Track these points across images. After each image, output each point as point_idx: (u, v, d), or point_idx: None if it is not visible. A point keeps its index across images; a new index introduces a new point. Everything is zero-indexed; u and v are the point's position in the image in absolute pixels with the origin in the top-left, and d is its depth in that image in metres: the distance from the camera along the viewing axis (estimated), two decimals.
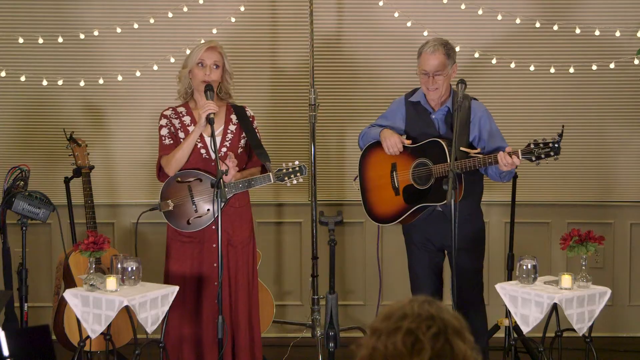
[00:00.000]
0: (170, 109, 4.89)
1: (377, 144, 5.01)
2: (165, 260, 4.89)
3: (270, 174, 4.81)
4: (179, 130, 4.83)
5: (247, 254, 4.93)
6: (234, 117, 4.91)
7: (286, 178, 4.85)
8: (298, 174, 4.86)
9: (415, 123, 4.96)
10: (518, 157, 4.62)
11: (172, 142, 4.83)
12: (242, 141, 4.90)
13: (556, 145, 4.58)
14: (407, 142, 4.91)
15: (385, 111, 5.15)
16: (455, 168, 4.61)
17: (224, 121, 4.89)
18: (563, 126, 4.72)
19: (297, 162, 4.89)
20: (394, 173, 4.98)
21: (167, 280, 4.81)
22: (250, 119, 4.95)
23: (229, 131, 4.88)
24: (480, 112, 4.92)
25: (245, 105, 4.98)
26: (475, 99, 4.98)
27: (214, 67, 4.79)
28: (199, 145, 4.80)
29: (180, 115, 4.87)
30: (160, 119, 4.89)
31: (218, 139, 4.81)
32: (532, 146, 4.61)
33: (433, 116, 4.92)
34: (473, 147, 4.87)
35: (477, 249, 4.97)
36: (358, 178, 5.16)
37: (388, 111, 5.11)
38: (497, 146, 4.87)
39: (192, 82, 4.84)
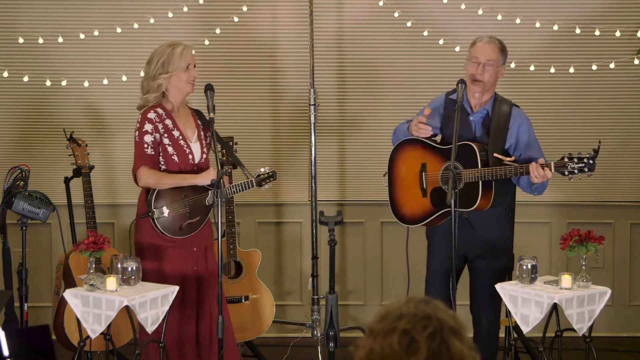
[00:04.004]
0: (153, 111, 4.75)
1: (408, 141, 4.92)
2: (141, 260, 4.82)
3: (253, 179, 4.86)
4: (163, 136, 4.73)
5: (215, 253, 4.94)
6: (199, 121, 4.89)
7: (263, 183, 4.92)
8: (271, 179, 4.95)
9: (451, 125, 4.81)
10: (550, 170, 4.57)
11: (153, 153, 4.72)
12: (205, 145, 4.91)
13: (591, 161, 4.52)
14: (427, 111, 4.80)
15: (426, 105, 5.03)
16: (479, 173, 4.59)
17: (195, 126, 4.86)
18: (600, 141, 4.59)
19: (267, 168, 4.94)
20: (423, 173, 4.88)
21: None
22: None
23: (202, 136, 4.86)
24: (520, 119, 4.82)
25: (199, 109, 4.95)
26: (517, 105, 4.89)
27: (193, 66, 4.79)
28: (187, 150, 4.77)
29: (162, 117, 4.76)
30: (143, 123, 4.73)
31: (197, 145, 4.80)
32: (566, 160, 4.55)
33: (471, 118, 4.82)
34: (508, 155, 4.80)
35: (499, 257, 4.88)
36: (387, 175, 5.08)
37: (429, 106, 4.97)
38: (532, 156, 4.76)
39: (173, 85, 4.74)
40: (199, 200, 4.75)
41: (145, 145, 4.72)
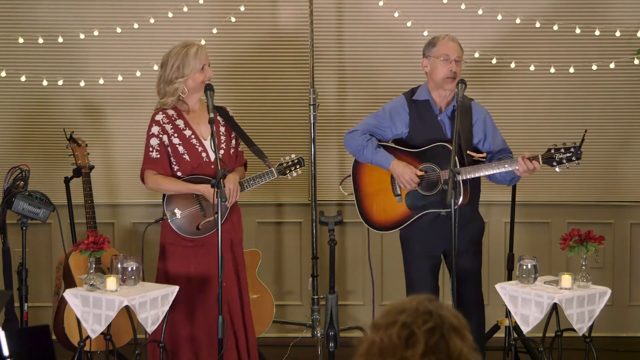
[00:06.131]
0: (161, 113, 4.79)
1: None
2: (161, 261, 4.84)
3: (273, 169, 4.85)
4: (173, 136, 4.75)
5: (242, 251, 4.96)
6: (220, 118, 4.87)
7: (287, 172, 4.91)
8: (297, 167, 4.92)
9: (419, 126, 4.86)
10: (539, 163, 4.59)
11: (159, 156, 4.75)
12: (233, 141, 4.89)
13: (579, 150, 4.54)
14: (420, 173, 4.79)
15: (378, 111, 5.01)
16: (463, 172, 4.60)
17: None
18: (586, 130, 4.62)
19: (293, 156, 4.93)
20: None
21: (164, 280, 4.79)
22: (233, 118, 4.93)
23: (220, 133, 4.85)
24: (482, 113, 4.87)
25: (226, 106, 4.94)
26: (472, 100, 4.95)
27: (208, 65, 4.79)
28: (199, 149, 4.78)
29: (173, 118, 4.78)
30: (151, 125, 4.78)
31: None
32: (552, 151, 4.57)
33: (439, 118, 4.84)
34: (477, 151, 4.82)
35: (478, 250, 4.96)
36: (351, 180, 5.06)
37: (385, 112, 4.95)
38: (501, 148, 4.84)
39: (190, 88, 4.75)
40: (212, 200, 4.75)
41: (151, 149, 4.77)
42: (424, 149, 4.81)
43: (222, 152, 4.79)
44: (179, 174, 4.77)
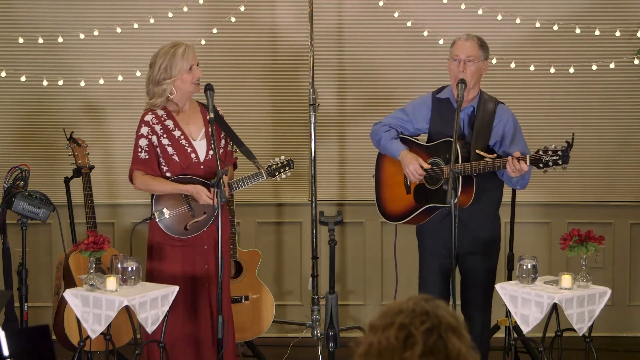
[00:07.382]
0: (150, 113, 4.75)
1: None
2: (149, 260, 4.83)
3: (263, 171, 4.83)
4: (162, 137, 4.73)
5: (228, 250, 4.95)
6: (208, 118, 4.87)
7: (276, 173, 4.89)
8: (287, 168, 4.91)
9: (438, 122, 4.88)
10: (526, 163, 4.59)
11: (147, 157, 4.72)
12: (222, 141, 4.87)
13: (565, 153, 4.54)
14: (427, 166, 4.82)
15: (405, 105, 5.06)
16: (457, 168, 4.60)
17: (203, 123, 4.82)
18: (574, 134, 4.63)
19: (282, 157, 4.91)
20: None
21: (150, 280, 4.79)
22: (223, 117, 4.91)
23: (210, 133, 4.84)
24: (506, 117, 4.85)
25: (216, 105, 4.90)
26: (502, 102, 4.93)
27: (196, 65, 4.77)
28: (189, 149, 4.76)
29: (162, 119, 4.75)
30: (140, 126, 4.75)
31: (203, 143, 4.78)
32: (540, 153, 4.57)
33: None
34: (492, 152, 4.82)
35: (489, 254, 4.91)
36: (375, 175, 5.13)
37: (410, 107, 5.01)
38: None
39: (178, 88, 4.72)
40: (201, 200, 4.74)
41: (139, 150, 4.74)
42: (435, 143, 4.84)
43: (211, 152, 4.78)
44: (168, 174, 4.74)
